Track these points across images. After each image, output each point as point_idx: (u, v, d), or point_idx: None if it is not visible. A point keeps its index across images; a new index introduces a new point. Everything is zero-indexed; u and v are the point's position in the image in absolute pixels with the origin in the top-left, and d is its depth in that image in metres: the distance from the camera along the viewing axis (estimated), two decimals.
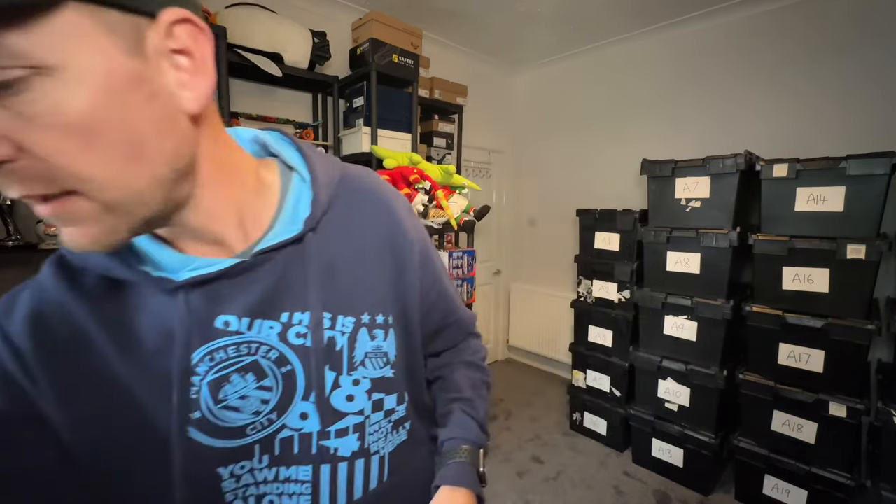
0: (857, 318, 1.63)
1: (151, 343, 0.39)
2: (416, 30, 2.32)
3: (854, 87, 2.05)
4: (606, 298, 2.42)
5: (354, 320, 0.47)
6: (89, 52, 0.27)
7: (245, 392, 0.42)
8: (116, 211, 0.31)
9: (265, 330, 0.43)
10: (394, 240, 0.51)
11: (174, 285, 0.38)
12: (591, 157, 3.12)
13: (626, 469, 2.27)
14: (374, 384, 0.49)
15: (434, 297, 0.57)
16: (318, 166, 0.47)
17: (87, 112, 0.27)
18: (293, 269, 0.44)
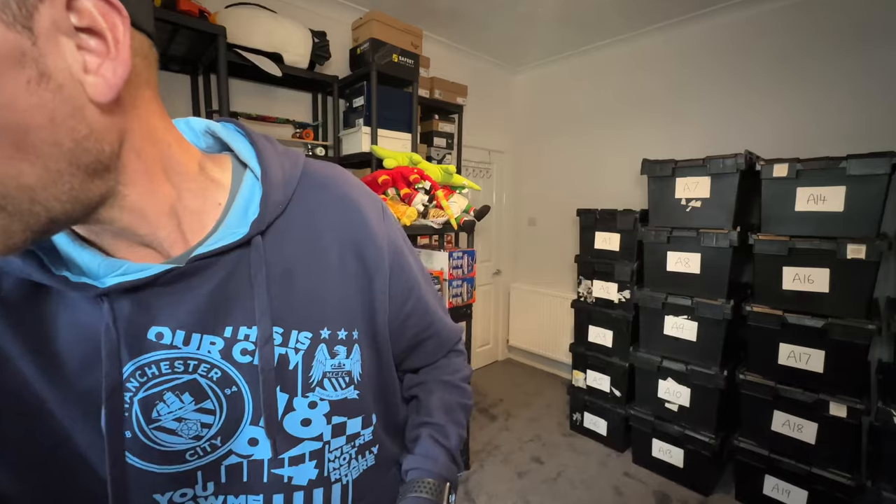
0: (858, 318, 1.62)
1: (76, 357, 0.35)
2: (416, 30, 2.32)
3: (854, 87, 2.05)
4: (606, 298, 2.42)
5: (311, 335, 0.42)
6: None
7: (182, 414, 0.38)
8: (4, 208, 0.26)
9: (205, 346, 0.38)
10: (361, 245, 0.45)
11: (97, 292, 0.34)
12: (591, 156, 3.12)
13: (627, 469, 2.26)
14: (335, 407, 0.44)
15: (409, 309, 0.51)
16: (272, 161, 0.41)
17: None
18: (238, 278, 0.39)
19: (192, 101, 1.93)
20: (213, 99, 1.93)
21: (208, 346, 0.38)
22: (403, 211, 1.70)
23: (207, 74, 1.92)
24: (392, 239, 0.49)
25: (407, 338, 0.53)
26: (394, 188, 1.79)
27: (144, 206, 0.34)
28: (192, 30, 1.52)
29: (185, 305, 0.37)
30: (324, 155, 2.22)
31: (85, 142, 0.28)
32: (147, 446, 0.37)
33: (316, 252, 0.43)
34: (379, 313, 0.47)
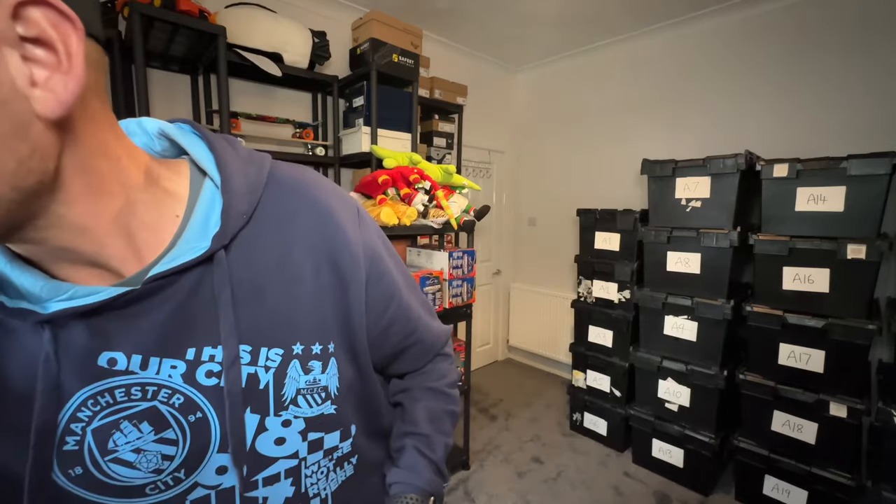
0: (858, 318, 1.62)
1: (16, 389, 0.32)
2: (416, 29, 2.32)
3: (855, 87, 2.05)
4: (606, 298, 2.41)
5: (283, 352, 0.39)
6: None
7: (140, 445, 0.35)
8: None
9: (165, 370, 0.35)
10: (335, 254, 0.42)
11: (38, 318, 0.31)
12: (591, 156, 3.12)
13: (627, 469, 2.26)
14: (310, 423, 0.42)
15: (391, 316, 0.48)
16: (233, 168, 0.38)
17: None
18: (201, 296, 0.36)
19: (192, 101, 1.93)
20: (213, 99, 1.93)
21: (168, 371, 0.35)
22: (403, 211, 1.70)
23: (207, 74, 1.92)
24: (368, 244, 0.46)
25: (390, 344, 0.51)
26: (394, 188, 1.79)
27: (87, 223, 0.31)
28: (191, 30, 1.52)
29: (141, 328, 0.34)
30: (324, 154, 2.22)
31: (29, 161, 0.26)
32: (102, 482, 0.34)
33: (286, 264, 0.40)
34: (356, 322, 0.44)
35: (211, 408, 0.37)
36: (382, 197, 1.75)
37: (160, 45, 1.65)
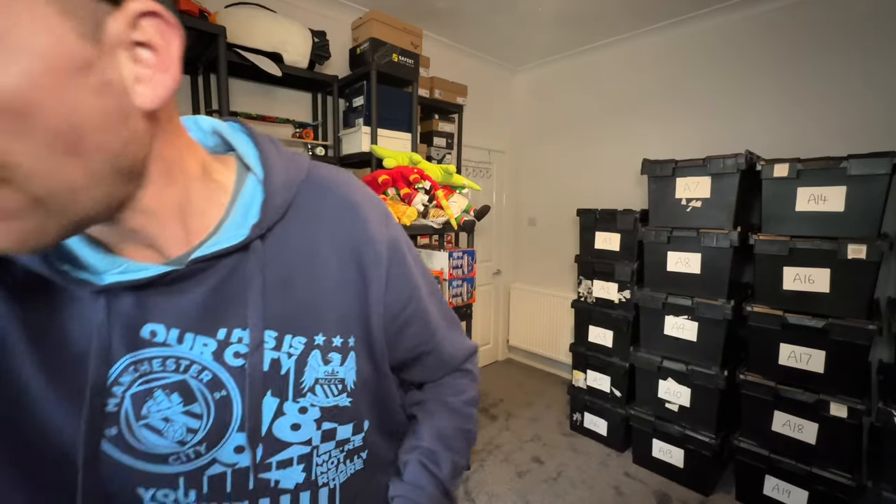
0: (858, 319, 1.62)
1: (72, 349, 0.35)
2: (416, 29, 2.32)
3: (855, 86, 2.05)
4: (607, 298, 2.41)
5: (305, 341, 0.42)
6: (34, 26, 0.24)
7: (169, 414, 0.38)
8: (47, 207, 0.27)
9: (198, 347, 0.38)
10: (360, 252, 0.44)
11: (96, 288, 0.34)
12: (591, 156, 3.12)
13: (627, 469, 2.26)
14: (325, 413, 0.43)
15: (407, 317, 0.49)
16: (275, 165, 0.41)
17: (19, 90, 0.23)
18: (235, 281, 0.39)
19: (192, 101, 1.93)
20: (213, 99, 1.93)
21: (201, 348, 0.38)
22: (403, 211, 1.70)
23: (207, 74, 1.92)
24: (393, 244, 0.48)
25: (405, 348, 0.51)
26: (394, 188, 1.79)
27: (156, 207, 0.35)
28: (192, 29, 1.52)
29: (181, 305, 0.37)
30: (323, 154, 2.22)
31: (127, 147, 0.30)
32: (131, 445, 0.37)
33: (315, 259, 0.43)
34: (374, 319, 0.46)
35: (235, 387, 0.39)
36: (382, 197, 1.75)
37: None
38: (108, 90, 0.28)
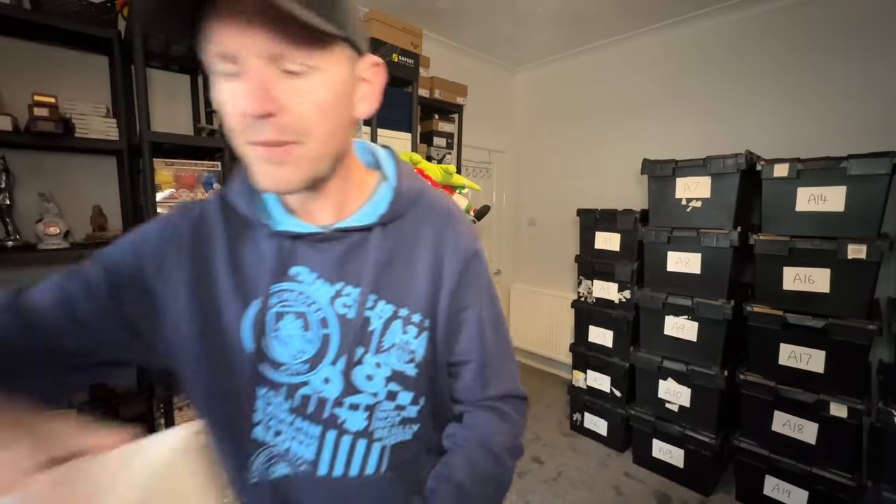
0: (858, 319, 1.62)
1: (250, 269, 0.51)
2: (416, 29, 2.32)
3: (855, 86, 2.05)
4: (607, 298, 2.41)
5: (394, 309, 0.52)
6: (337, 66, 0.43)
7: (292, 333, 0.50)
8: (316, 160, 0.44)
9: (322, 290, 0.51)
10: (445, 253, 0.56)
11: (271, 231, 0.50)
12: (591, 156, 3.12)
13: (627, 469, 2.26)
14: (394, 375, 0.52)
15: (463, 319, 0.56)
16: (404, 179, 0.56)
17: (327, 96, 0.42)
18: (357, 251, 0.52)
19: (192, 101, 1.93)
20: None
21: (324, 291, 0.51)
22: None
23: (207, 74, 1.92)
24: (474, 257, 0.58)
25: (456, 350, 0.57)
26: None
27: (338, 186, 0.51)
28: None
29: (319, 257, 0.51)
30: None
31: (346, 137, 0.49)
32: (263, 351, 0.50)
33: (414, 251, 0.54)
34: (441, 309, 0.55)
35: (337, 329, 0.51)
36: None
37: (160, 44, 1.65)
38: (351, 102, 0.47)
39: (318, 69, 0.41)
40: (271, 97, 0.39)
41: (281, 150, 0.41)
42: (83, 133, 1.48)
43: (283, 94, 0.40)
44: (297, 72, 0.40)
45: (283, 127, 0.40)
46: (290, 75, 0.40)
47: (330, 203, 0.51)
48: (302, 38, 0.39)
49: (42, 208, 1.49)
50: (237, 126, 0.41)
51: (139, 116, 1.45)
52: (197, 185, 1.56)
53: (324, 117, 0.43)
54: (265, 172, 0.43)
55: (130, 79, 1.65)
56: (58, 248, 1.46)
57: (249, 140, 0.41)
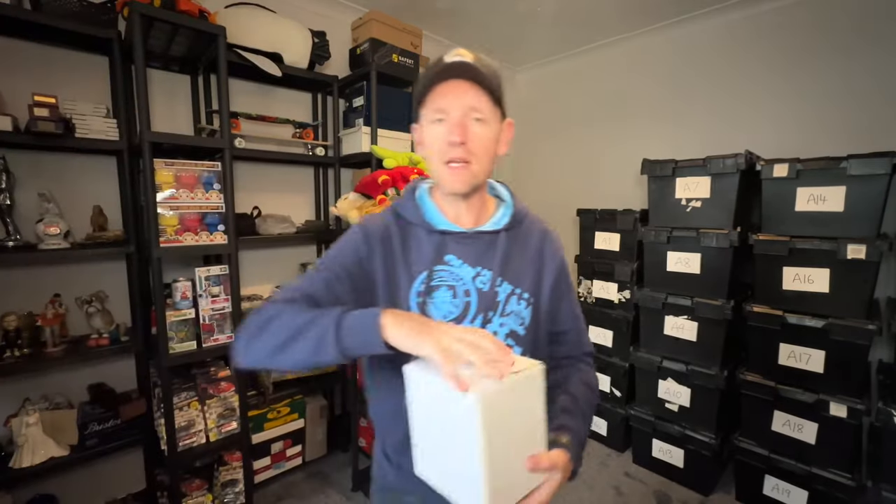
0: (858, 319, 1.62)
1: (414, 259, 0.73)
2: (416, 29, 2.32)
3: (855, 86, 2.05)
4: (607, 298, 2.42)
5: (512, 288, 0.74)
6: (495, 121, 0.69)
7: (444, 299, 0.71)
8: (477, 175, 0.69)
9: (466, 271, 0.72)
10: (543, 255, 0.79)
11: (433, 230, 0.73)
12: (591, 156, 3.12)
13: (627, 469, 2.26)
14: (511, 333, 0.73)
15: (560, 295, 0.80)
16: (517, 205, 0.81)
17: (490, 137, 0.68)
18: (490, 247, 0.75)
19: (192, 102, 1.93)
20: (213, 99, 1.93)
21: (468, 272, 0.72)
22: None
23: (207, 74, 1.92)
24: (564, 260, 0.82)
25: (561, 320, 0.81)
26: (394, 188, 1.79)
27: (475, 201, 0.75)
28: (191, 30, 1.52)
29: (464, 249, 0.74)
30: (324, 155, 2.22)
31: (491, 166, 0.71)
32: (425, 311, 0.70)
33: (525, 249, 0.78)
34: (544, 292, 0.77)
35: (475, 299, 0.72)
36: (382, 197, 1.75)
37: (160, 45, 1.65)
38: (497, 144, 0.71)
39: (488, 121, 0.67)
40: (465, 132, 0.65)
41: (462, 166, 0.67)
42: (83, 133, 1.48)
43: (470, 132, 0.65)
44: (480, 118, 0.66)
45: (467, 151, 0.66)
46: (475, 121, 0.66)
47: (472, 213, 0.75)
48: (486, 101, 0.66)
49: (42, 208, 1.49)
50: (439, 151, 0.67)
51: (139, 117, 1.45)
52: (197, 185, 1.56)
53: (486, 150, 0.68)
54: (453, 179, 0.68)
55: (131, 79, 1.65)
56: (58, 248, 1.46)
57: (444, 160, 0.67)
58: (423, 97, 0.68)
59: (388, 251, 0.72)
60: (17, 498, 1.55)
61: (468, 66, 0.64)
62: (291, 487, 2.07)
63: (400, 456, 0.72)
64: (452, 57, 0.66)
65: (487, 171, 0.71)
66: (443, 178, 0.69)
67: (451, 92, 0.65)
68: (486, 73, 0.65)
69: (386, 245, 0.73)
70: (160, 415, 1.62)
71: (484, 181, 0.73)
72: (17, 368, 1.41)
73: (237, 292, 1.68)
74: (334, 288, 0.68)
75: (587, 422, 0.72)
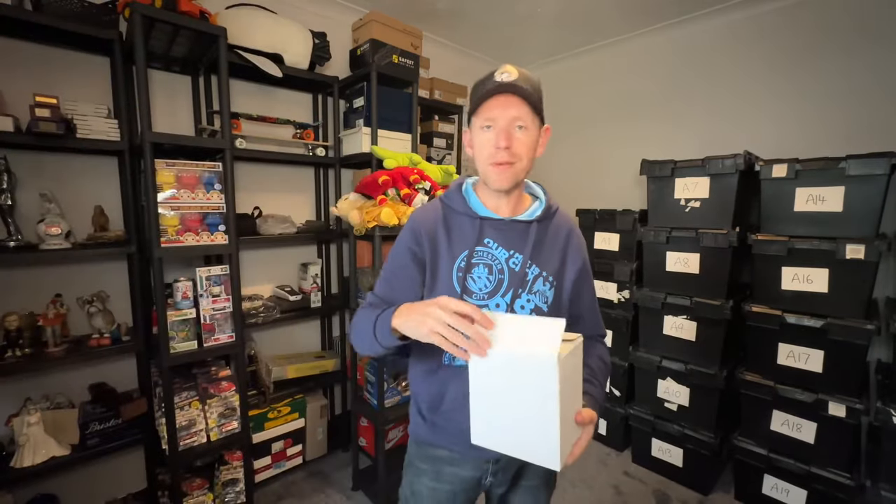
0: (857, 318, 1.63)
1: (457, 241, 0.85)
2: (416, 30, 2.33)
3: (853, 87, 2.06)
4: (606, 298, 2.42)
5: (539, 270, 0.85)
6: (535, 128, 0.80)
7: (481, 275, 0.83)
8: (519, 173, 0.81)
9: (501, 253, 0.84)
10: (568, 247, 0.90)
11: (475, 216, 0.86)
12: (590, 157, 3.13)
13: (626, 469, 2.27)
14: (535, 308, 0.84)
15: (582, 282, 0.91)
16: (549, 202, 0.91)
17: (531, 141, 0.79)
18: (522, 234, 0.86)
19: (193, 102, 1.93)
20: (214, 100, 1.94)
21: (503, 254, 0.84)
22: (403, 211, 1.71)
23: (208, 75, 1.92)
24: (584, 255, 0.93)
25: (582, 303, 0.93)
26: (394, 188, 1.79)
27: (514, 196, 0.87)
28: (192, 31, 1.52)
29: (501, 234, 0.85)
30: (324, 155, 2.23)
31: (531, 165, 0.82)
32: (465, 285, 0.83)
33: (555, 240, 0.89)
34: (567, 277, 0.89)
35: (507, 276, 0.83)
36: (383, 197, 1.76)
37: (161, 45, 1.66)
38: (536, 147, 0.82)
39: (528, 128, 0.78)
40: (511, 138, 0.77)
41: (507, 166, 0.78)
42: (84, 134, 1.48)
43: (514, 138, 0.77)
44: (523, 126, 0.77)
45: (511, 153, 0.77)
46: (518, 129, 0.77)
47: (510, 204, 0.87)
48: (528, 112, 0.76)
49: (43, 209, 1.50)
50: (488, 154, 0.79)
51: (140, 117, 1.45)
52: (198, 185, 1.57)
53: (527, 152, 0.79)
54: (499, 178, 0.80)
55: (132, 80, 1.65)
56: (59, 248, 1.47)
57: (490, 162, 0.79)
58: (475, 108, 0.79)
59: (434, 237, 0.86)
60: (18, 497, 1.55)
61: (514, 85, 0.74)
62: (292, 487, 2.07)
63: (433, 415, 0.88)
64: (501, 74, 0.76)
65: (527, 170, 0.82)
66: (489, 177, 0.81)
67: (499, 105, 0.76)
68: (529, 88, 0.75)
69: (431, 233, 0.86)
70: (161, 414, 1.62)
71: (523, 179, 0.84)
72: (19, 368, 1.41)
73: (238, 292, 1.68)
74: (394, 284, 0.88)
75: (603, 389, 0.87)
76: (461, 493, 0.90)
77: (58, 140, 1.42)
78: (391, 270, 0.89)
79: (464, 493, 0.91)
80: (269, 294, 2.24)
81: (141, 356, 1.77)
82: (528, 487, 0.93)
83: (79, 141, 1.47)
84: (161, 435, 1.64)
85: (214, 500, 1.75)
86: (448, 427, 0.86)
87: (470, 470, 0.88)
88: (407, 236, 0.87)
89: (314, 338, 2.49)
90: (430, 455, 0.90)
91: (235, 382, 1.76)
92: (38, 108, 1.38)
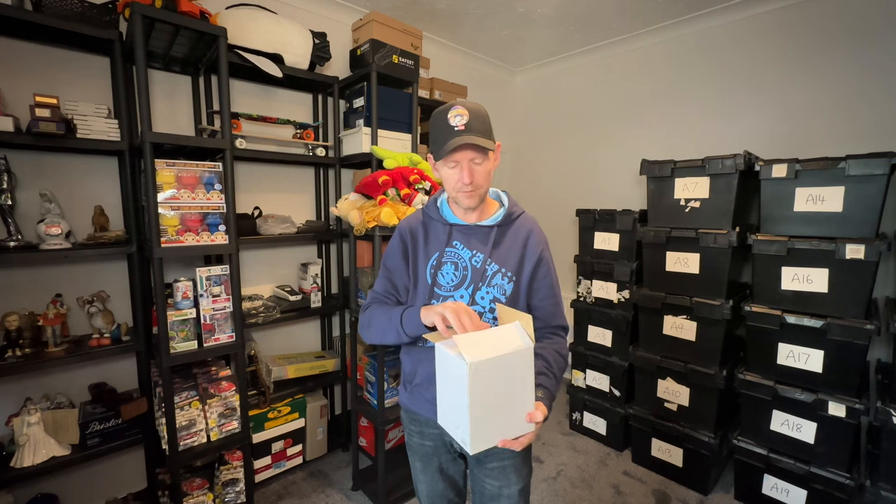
0: (857, 318, 1.63)
1: (432, 243, 1.04)
2: (416, 30, 2.33)
3: (853, 86, 2.06)
4: (606, 298, 2.42)
5: (497, 267, 0.99)
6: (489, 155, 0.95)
7: (448, 272, 1.00)
8: (482, 195, 0.98)
9: (465, 252, 1.00)
10: (526, 246, 1.02)
11: (446, 223, 1.03)
12: (590, 157, 3.13)
13: (626, 468, 2.27)
14: (494, 299, 0.98)
15: (540, 277, 1.02)
16: (511, 208, 1.05)
17: (487, 170, 0.96)
18: (484, 237, 1.01)
19: (193, 102, 1.93)
20: (214, 100, 1.94)
21: (467, 253, 1.00)
22: (403, 211, 1.71)
23: (208, 75, 1.92)
24: (543, 253, 1.03)
25: (539, 295, 1.03)
26: (394, 188, 1.79)
27: (479, 208, 1.02)
28: (192, 31, 1.52)
29: (466, 237, 1.02)
30: (324, 155, 2.23)
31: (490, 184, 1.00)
32: (437, 280, 1.01)
33: (514, 241, 1.02)
34: (525, 272, 1.01)
35: (470, 272, 0.99)
36: (383, 197, 1.76)
37: (161, 46, 1.66)
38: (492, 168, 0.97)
39: (484, 161, 0.93)
40: (472, 173, 0.92)
41: (471, 192, 0.94)
42: (85, 134, 1.48)
43: (475, 172, 0.93)
44: (480, 163, 0.92)
45: (474, 185, 0.93)
46: (476, 165, 0.92)
47: (476, 214, 1.02)
48: (483, 153, 0.92)
49: (44, 209, 1.50)
50: (456, 185, 0.94)
51: (140, 117, 1.45)
52: (198, 185, 1.57)
53: (486, 179, 0.95)
54: (467, 200, 0.95)
55: (132, 80, 1.65)
56: (59, 248, 1.47)
57: (458, 190, 0.95)
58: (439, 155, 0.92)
59: (415, 239, 1.05)
60: (18, 497, 1.55)
61: (470, 142, 0.88)
62: (292, 486, 2.07)
63: (411, 385, 1.08)
64: (454, 117, 0.90)
65: (488, 188, 0.99)
66: (459, 200, 0.97)
67: (461, 155, 0.92)
68: (480, 130, 0.90)
69: (414, 235, 1.05)
70: (161, 414, 1.62)
71: (486, 195, 1.01)
72: (19, 368, 1.41)
73: (238, 292, 1.69)
74: (392, 280, 1.07)
75: (558, 381, 0.96)
76: (441, 448, 1.10)
77: (58, 140, 1.43)
78: (391, 270, 1.07)
79: (443, 448, 1.10)
80: (269, 294, 2.24)
81: (141, 356, 1.77)
82: (496, 468, 1.04)
83: (79, 141, 1.48)
84: (161, 435, 1.64)
85: (214, 500, 1.75)
86: (423, 397, 1.05)
87: (442, 433, 1.07)
88: (397, 241, 1.07)
89: (314, 338, 2.50)
90: (414, 418, 1.10)
91: (235, 382, 1.76)
92: (39, 108, 1.38)
